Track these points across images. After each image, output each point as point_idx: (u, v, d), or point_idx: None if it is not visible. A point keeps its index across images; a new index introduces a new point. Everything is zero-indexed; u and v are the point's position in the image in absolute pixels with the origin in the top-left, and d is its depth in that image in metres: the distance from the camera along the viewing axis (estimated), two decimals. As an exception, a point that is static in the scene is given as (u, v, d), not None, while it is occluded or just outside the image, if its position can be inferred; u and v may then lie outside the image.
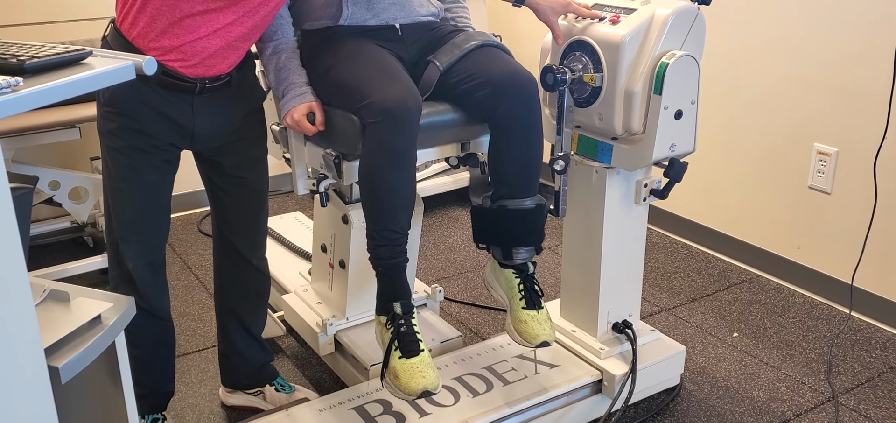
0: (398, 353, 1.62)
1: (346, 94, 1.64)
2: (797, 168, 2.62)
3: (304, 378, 2.22)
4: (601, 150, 1.87)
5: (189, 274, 2.82)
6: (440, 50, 1.78)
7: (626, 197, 1.94)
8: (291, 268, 2.49)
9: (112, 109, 1.62)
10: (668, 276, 2.81)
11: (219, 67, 1.63)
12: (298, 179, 1.88)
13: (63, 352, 1.10)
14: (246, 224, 1.86)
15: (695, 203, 2.99)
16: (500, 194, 1.76)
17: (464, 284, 2.75)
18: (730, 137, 2.82)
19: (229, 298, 1.94)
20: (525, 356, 2.03)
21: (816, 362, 2.28)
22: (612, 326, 2.05)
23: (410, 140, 1.60)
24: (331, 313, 2.13)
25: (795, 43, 2.56)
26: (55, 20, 2.90)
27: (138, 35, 1.56)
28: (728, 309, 2.58)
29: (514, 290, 1.78)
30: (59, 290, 1.20)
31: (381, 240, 1.63)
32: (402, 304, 1.65)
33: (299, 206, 3.38)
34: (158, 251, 1.75)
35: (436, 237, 3.12)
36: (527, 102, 1.70)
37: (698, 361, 2.29)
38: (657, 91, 1.73)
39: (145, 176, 1.67)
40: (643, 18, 1.75)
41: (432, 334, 2.13)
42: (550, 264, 2.90)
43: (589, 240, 1.98)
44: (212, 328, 2.42)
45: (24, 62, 1.01)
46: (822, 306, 2.58)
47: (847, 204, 2.50)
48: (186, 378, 2.20)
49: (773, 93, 2.65)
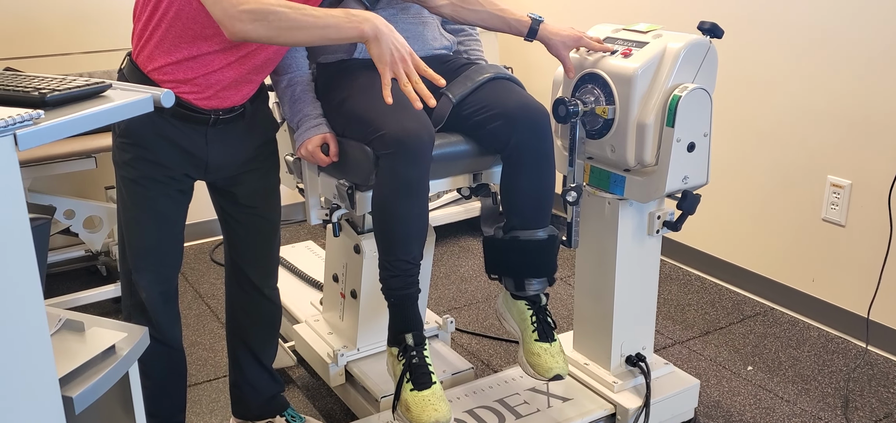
0: (410, 385, 1.61)
1: (359, 125, 1.65)
2: (811, 200, 2.61)
3: (314, 410, 2.20)
4: (614, 181, 1.87)
5: (201, 303, 2.82)
6: (453, 82, 1.79)
7: (639, 229, 1.94)
8: (303, 297, 2.48)
9: (127, 140, 1.64)
10: (682, 308, 2.79)
11: (233, 99, 1.65)
12: (311, 208, 1.89)
13: (77, 382, 1.10)
14: (258, 254, 1.86)
15: (708, 235, 2.98)
16: (513, 225, 1.76)
17: (475, 314, 2.74)
18: (743, 169, 2.81)
19: (241, 327, 1.94)
20: (537, 389, 2.01)
21: (833, 397, 2.25)
22: (625, 359, 2.03)
23: (423, 171, 1.61)
24: (342, 344, 2.13)
25: (808, 75, 2.56)
26: (73, 52, 2.95)
27: (154, 68, 1.58)
28: (742, 342, 2.55)
29: (527, 322, 1.77)
30: (74, 320, 1.20)
31: (394, 270, 1.63)
32: (414, 335, 1.64)
33: (311, 235, 3.39)
34: (171, 281, 1.76)
35: (447, 267, 3.11)
36: (539, 133, 1.71)
37: (712, 395, 2.26)
38: (670, 123, 1.73)
39: (159, 206, 1.68)
40: (655, 52, 1.76)
41: (443, 366, 2.12)
42: (563, 295, 2.88)
43: (602, 272, 1.97)
44: (223, 358, 2.42)
45: (45, 95, 1.03)
46: (838, 339, 2.55)
47: (862, 237, 2.48)
48: (197, 409, 2.19)
49: (786, 125, 2.65)
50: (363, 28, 1.41)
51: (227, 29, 1.39)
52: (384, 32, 1.41)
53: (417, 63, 1.46)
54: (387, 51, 1.41)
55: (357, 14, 1.41)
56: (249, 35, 1.40)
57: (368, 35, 1.41)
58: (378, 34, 1.41)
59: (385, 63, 1.42)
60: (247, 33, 1.39)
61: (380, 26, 1.41)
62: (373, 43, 1.41)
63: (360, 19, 1.40)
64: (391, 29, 1.43)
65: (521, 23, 1.79)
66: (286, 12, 1.38)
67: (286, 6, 1.39)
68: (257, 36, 1.40)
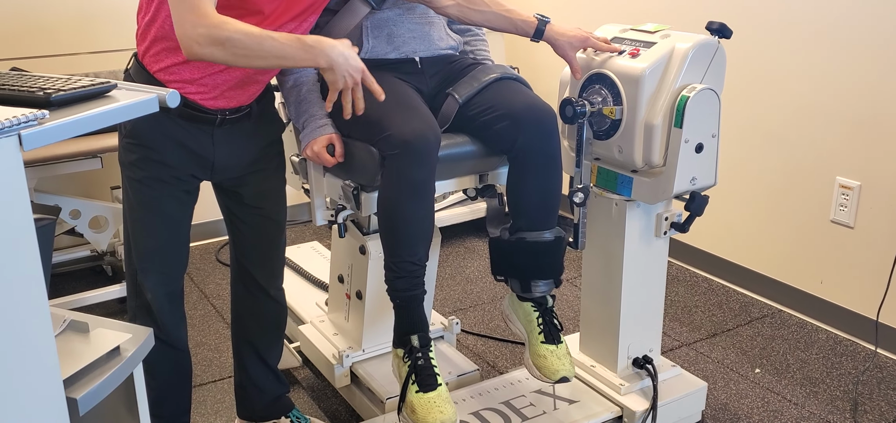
0: (415, 387, 1.60)
1: (365, 126, 1.64)
2: (819, 202, 2.59)
3: (319, 411, 2.20)
4: (621, 182, 1.86)
5: (206, 304, 2.82)
6: (459, 82, 1.78)
7: (647, 230, 1.92)
8: (308, 298, 2.48)
9: (133, 141, 1.64)
10: (689, 310, 2.77)
11: (239, 99, 1.65)
12: (317, 209, 1.89)
13: (82, 383, 1.10)
14: (263, 254, 1.86)
15: (715, 236, 2.96)
16: (519, 227, 1.75)
17: (481, 316, 2.73)
18: (751, 170, 2.80)
19: (246, 328, 1.93)
20: (544, 391, 2.00)
21: (841, 400, 2.23)
22: (632, 361, 2.02)
23: (429, 172, 1.60)
24: (347, 345, 2.12)
25: (817, 75, 2.54)
26: (79, 52, 2.95)
27: (160, 68, 1.58)
28: (750, 344, 2.54)
29: (533, 324, 1.76)
30: (78, 321, 1.20)
31: (399, 272, 1.62)
32: (420, 337, 1.64)
33: (317, 236, 3.39)
34: (177, 282, 1.76)
35: (453, 268, 3.11)
36: (546, 134, 1.70)
37: (720, 397, 2.25)
38: (678, 124, 1.72)
39: (165, 207, 1.67)
40: (663, 52, 1.74)
41: (449, 368, 2.11)
42: (569, 297, 2.87)
43: (609, 273, 1.96)
44: (228, 359, 2.42)
45: (50, 95, 1.03)
46: (847, 342, 2.53)
47: (871, 238, 2.46)
48: (202, 410, 2.19)
49: (795, 126, 2.63)
50: (318, 61, 1.50)
51: (184, 48, 1.43)
52: (339, 63, 1.50)
53: (366, 78, 1.54)
54: (340, 78, 1.51)
55: (314, 46, 1.48)
56: (206, 57, 1.43)
57: (323, 66, 1.50)
58: (332, 65, 1.49)
59: (337, 88, 1.53)
60: (203, 55, 1.43)
61: (334, 57, 1.49)
62: (328, 72, 1.51)
63: (317, 52, 1.48)
64: (346, 57, 1.51)
65: (527, 23, 1.78)
66: (244, 41, 1.42)
67: (246, 34, 1.42)
68: (213, 59, 1.44)
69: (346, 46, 1.51)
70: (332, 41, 1.50)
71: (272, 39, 1.44)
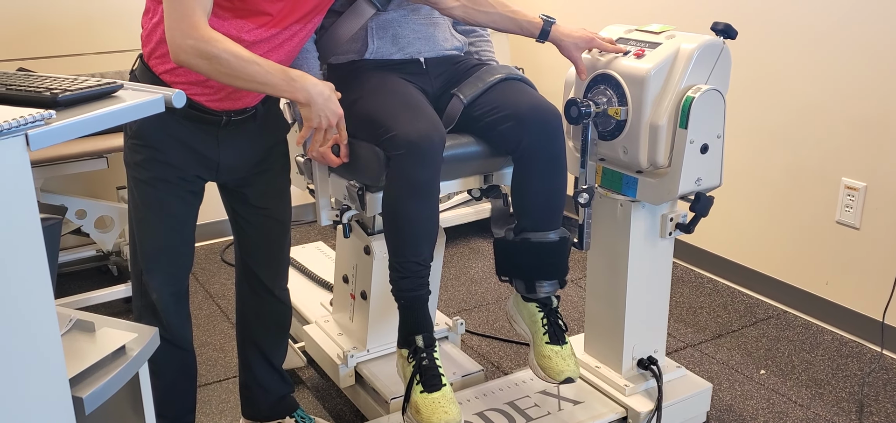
0: (420, 387, 1.60)
1: (370, 126, 1.64)
2: (824, 203, 2.58)
3: (324, 411, 2.20)
4: (626, 183, 1.85)
5: (211, 303, 2.83)
6: (464, 83, 1.78)
7: (652, 231, 1.92)
8: (313, 298, 2.48)
9: (139, 142, 1.64)
10: (694, 311, 2.77)
11: (244, 100, 1.65)
12: (322, 209, 1.89)
13: (87, 382, 1.10)
14: (268, 254, 1.86)
15: (720, 237, 2.96)
16: (524, 227, 1.75)
17: (485, 316, 2.73)
18: (756, 170, 2.79)
19: (251, 328, 1.94)
20: (548, 392, 2.00)
21: (847, 401, 2.23)
22: (637, 362, 2.01)
23: (434, 172, 1.60)
24: (352, 345, 2.12)
25: (822, 76, 2.54)
26: (85, 53, 2.96)
27: (166, 69, 1.58)
28: (755, 346, 2.53)
29: (538, 324, 1.76)
30: (84, 320, 1.20)
31: (404, 272, 1.62)
32: (425, 337, 1.64)
33: (321, 236, 3.39)
34: (182, 282, 1.76)
35: (457, 268, 3.11)
36: (550, 134, 1.70)
37: (725, 398, 2.24)
38: (683, 125, 1.71)
39: (171, 207, 1.68)
40: (668, 53, 1.74)
41: (453, 368, 2.11)
42: (574, 298, 2.87)
43: (614, 274, 1.96)
44: (233, 359, 2.42)
45: (57, 95, 1.03)
46: (852, 343, 2.52)
47: (877, 240, 2.45)
48: (207, 409, 2.19)
49: (800, 126, 2.63)
50: (297, 96, 1.52)
51: (171, 52, 1.45)
52: (317, 101, 1.53)
53: (340, 128, 1.60)
54: (316, 117, 1.55)
55: (296, 80, 1.51)
56: (190, 67, 1.46)
57: (302, 101, 1.53)
58: (310, 101, 1.53)
59: (311, 125, 1.57)
60: (188, 64, 1.45)
61: (313, 94, 1.53)
62: (305, 107, 1.54)
63: (297, 87, 1.51)
64: (326, 97, 1.54)
65: (532, 24, 1.78)
66: (231, 61, 1.44)
67: (234, 56, 1.44)
68: (197, 70, 1.46)
69: (329, 89, 1.55)
70: (315, 80, 1.53)
71: (258, 65, 1.46)
